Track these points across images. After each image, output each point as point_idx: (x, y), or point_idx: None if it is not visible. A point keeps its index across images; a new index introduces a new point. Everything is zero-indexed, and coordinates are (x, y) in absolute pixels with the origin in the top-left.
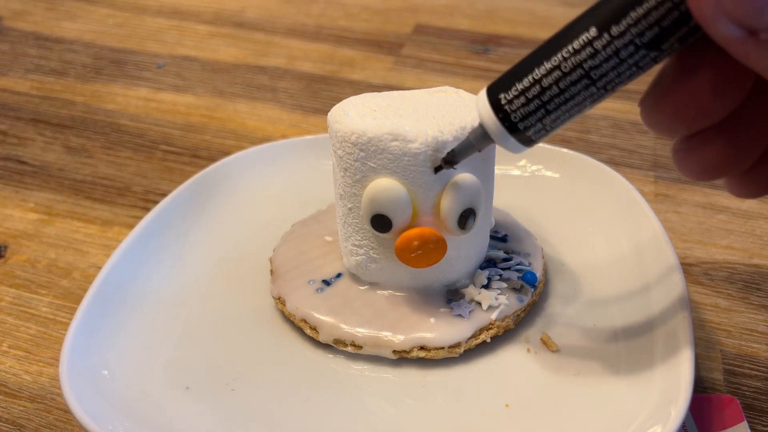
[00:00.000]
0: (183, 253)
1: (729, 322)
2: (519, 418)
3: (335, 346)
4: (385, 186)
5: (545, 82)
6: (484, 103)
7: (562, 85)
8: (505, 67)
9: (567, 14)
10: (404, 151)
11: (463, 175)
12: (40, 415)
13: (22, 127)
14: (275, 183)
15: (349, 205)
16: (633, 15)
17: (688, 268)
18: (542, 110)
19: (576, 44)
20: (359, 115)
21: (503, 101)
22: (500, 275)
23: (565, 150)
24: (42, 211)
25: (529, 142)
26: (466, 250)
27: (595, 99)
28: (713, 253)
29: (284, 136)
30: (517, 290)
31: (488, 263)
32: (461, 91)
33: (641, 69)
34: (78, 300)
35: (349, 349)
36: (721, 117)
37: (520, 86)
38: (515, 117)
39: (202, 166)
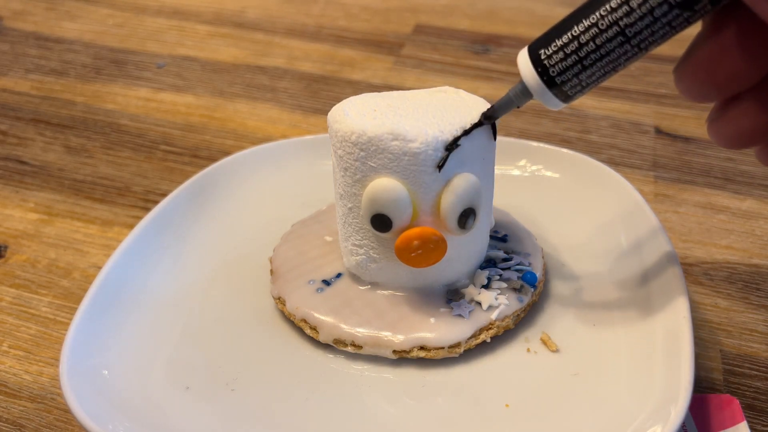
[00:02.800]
0: (183, 253)
1: (729, 322)
2: (519, 418)
3: (335, 346)
4: (385, 186)
5: (583, 39)
6: (524, 59)
7: (598, 41)
8: (505, 67)
9: (567, 14)
10: (404, 151)
11: (464, 175)
12: (40, 415)
13: (22, 127)
14: (275, 183)
15: (349, 205)
16: None
17: (688, 268)
18: (579, 65)
19: (614, 3)
20: (359, 114)
21: (543, 56)
22: (500, 275)
23: (565, 150)
24: (42, 211)
25: (566, 97)
26: (466, 250)
27: (629, 57)
28: (713, 253)
29: (284, 136)
30: (517, 290)
31: (488, 263)
32: (461, 91)
33: (674, 29)
34: (78, 300)
35: (349, 349)
36: (753, 82)
37: (559, 42)
38: (553, 71)
39: (202, 166)
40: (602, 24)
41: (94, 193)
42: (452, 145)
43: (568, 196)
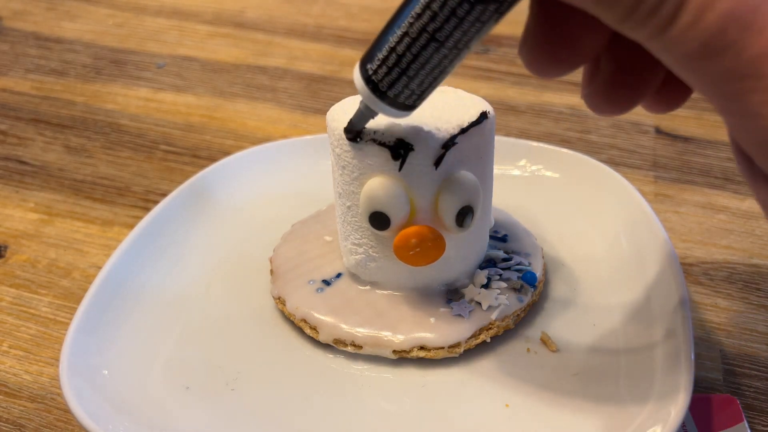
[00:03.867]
0: (183, 253)
1: (729, 322)
2: (519, 418)
3: (335, 346)
4: (382, 183)
5: (399, 50)
6: (357, 75)
7: (414, 50)
8: (505, 67)
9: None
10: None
11: (461, 173)
12: (40, 415)
13: (22, 127)
14: (275, 183)
15: (348, 203)
16: None
17: (688, 268)
18: (405, 77)
19: (417, 9)
20: None
21: (370, 72)
22: (500, 275)
23: (565, 150)
24: (42, 211)
25: (406, 108)
26: (465, 249)
27: (452, 58)
28: (713, 253)
29: (284, 136)
30: (517, 290)
31: (488, 263)
32: (460, 91)
33: (485, 24)
34: (78, 300)
35: (349, 349)
36: (593, 54)
37: (380, 55)
38: (383, 86)
39: (202, 166)
40: (412, 33)
41: (94, 193)
42: (449, 144)
43: (568, 196)
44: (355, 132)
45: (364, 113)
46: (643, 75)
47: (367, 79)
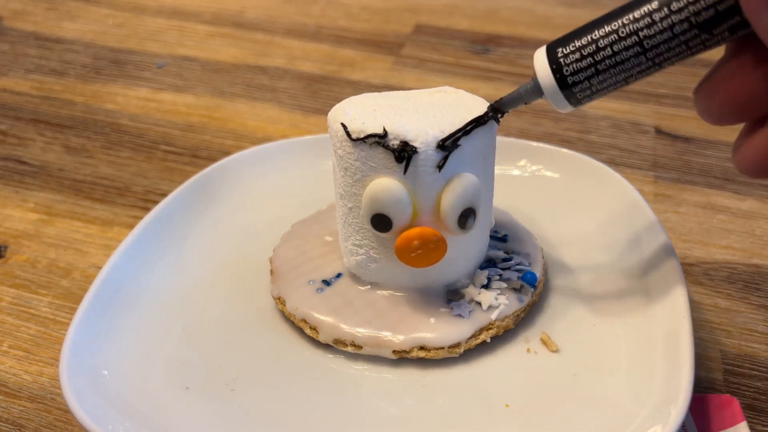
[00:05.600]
0: (183, 253)
1: (729, 322)
2: (519, 418)
3: (335, 346)
4: (385, 185)
5: (602, 43)
6: (541, 55)
7: (616, 48)
8: (505, 67)
9: (567, 14)
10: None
11: (464, 175)
12: (40, 415)
13: (22, 127)
14: (275, 183)
15: (350, 205)
16: None
17: (688, 268)
18: (593, 68)
19: (637, 13)
20: (360, 114)
21: (560, 54)
22: (500, 275)
23: (565, 150)
24: (42, 211)
25: (574, 101)
26: (466, 250)
27: (643, 69)
28: (713, 253)
29: (284, 136)
30: (517, 290)
31: (488, 263)
32: (461, 91)
33: (690, 49)
34: (78, 300)
35: (349, 349)
36: (765, 111)
37: (578, 43)
38: (567, 70)
39: (202, 166)
40: (622, 32)
41: (94, 193)
42: (452, 145)
43: (568, 196)
44: (502, 111)
45: (522, 95)
46: None
47: (553, 61)
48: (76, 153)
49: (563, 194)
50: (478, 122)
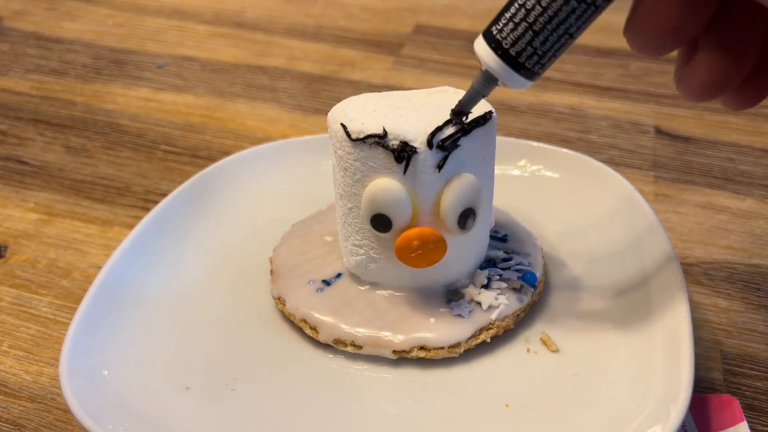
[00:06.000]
0: (183, 253)
1: (729, 322)
2: (519, 418)
3: (335, 346)
4: (385, 186)
5: (528, 4)
6: (480, 41)
7: (544, 2)
8: None
9: None
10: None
11: (463, 175)
12: (40, 415)
13: (22, 127)
14: (275, 183)
15: (349, 205)
16: None
17: (688, 268)
18: (530, 32)
19: None
20: (359, 114)
21: (494, 32)
22: (500, 275)
23: (565, 150)
24: (42, 211)
25: (528, 73)
26: (466, 250)
27: (579, 16)
28: (713, 253)
29: (284, 136)
30: (516, 290)
31: (488, 263)
32: (461, 91)
33: None
34: (78, 300)
35: (349, 349)
36: (699, 28)
37: (508, 14)
38: (506, 43)
39: (202, 166)
40: None
41: (94, 193)
42: (452, 146)
43: (568, 196)
44: (464, 114)
45: (478, 90)
46: (737, 60)
47: (491, 41)
48: (76, 153)
49: (563, 194)
50: (477, 122)
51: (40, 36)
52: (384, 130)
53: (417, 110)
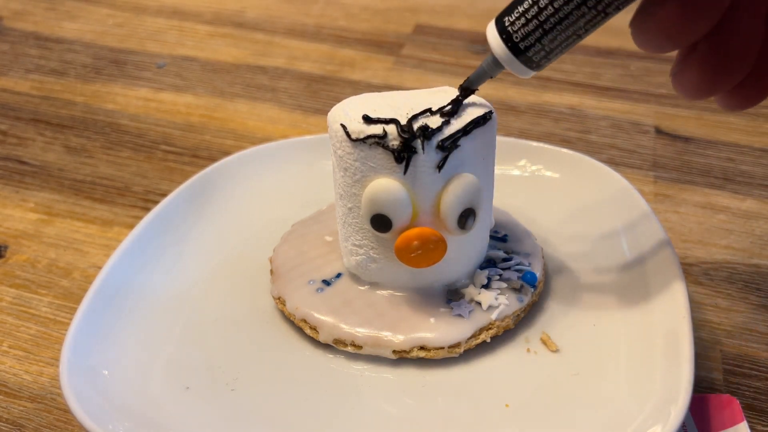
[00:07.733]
0: (183, 253)
1: (729, 322)
2: (519, 418)
3: (335, 346)
4: (385, 186)
5: (542, 3)
6: (491, 29)
7: (556, 4)
8: None
9: None
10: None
11: (463, 175)
12: (40, 415)
13: (22, 127)
14: (275, 183)
15: (349, 205)
16: None
17: (688, 268)
18: (540, 30)
19: None
20: (359, 114)
21: (507, 23)
22: (500, 275)
23: (565, 150)
24: (42, 211)
25: (533, 64)
26: (466, 250)
27: (589, 20)
28: (713, 253)
29: (284, 136)
30: (517, 290)
31: (488, 263)
32: None
33: None
34: (78, 300)
35: (349, 349)
36: (703, 32)
37: (521, 8)
38: (516, 37)
39: (202, 166)
40: None
41: (94, 193)
42: (452, 146)
43: (568, 196)
44: (470, 90)
45: (486, 70)
46: (731, 64)
47: (502, 31)
48: (76, 153)
49: (563, 194)
50: (477, 122)
51: (40, 36)
52: (384, 130)
53: (417, 110)
